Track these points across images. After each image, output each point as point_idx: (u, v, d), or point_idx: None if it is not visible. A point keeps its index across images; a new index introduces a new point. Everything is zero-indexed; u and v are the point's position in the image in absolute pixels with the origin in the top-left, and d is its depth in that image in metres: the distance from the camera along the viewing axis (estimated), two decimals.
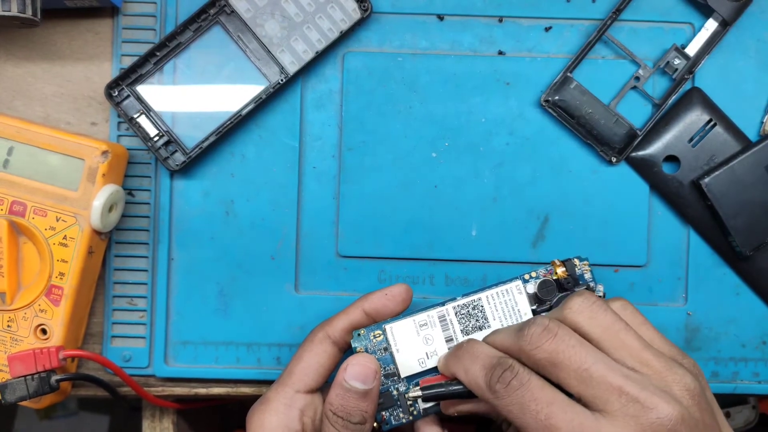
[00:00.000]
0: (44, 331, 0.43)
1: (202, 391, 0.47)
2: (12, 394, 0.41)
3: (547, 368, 0.34)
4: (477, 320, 0.40)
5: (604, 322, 0.34)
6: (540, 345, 0.34)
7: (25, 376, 0.41)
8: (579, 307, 0.35)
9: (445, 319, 0.40)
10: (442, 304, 0.40)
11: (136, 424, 0.51)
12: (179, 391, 0.47)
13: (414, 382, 0.40)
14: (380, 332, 0.40)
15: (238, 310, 0.46)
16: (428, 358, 0.40)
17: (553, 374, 0.33)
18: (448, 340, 0.40)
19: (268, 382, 0.46)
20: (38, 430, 1.05)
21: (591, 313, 0.35)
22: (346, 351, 0.41)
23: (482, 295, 0.40)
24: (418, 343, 0.40)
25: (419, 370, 0.40)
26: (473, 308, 0.40)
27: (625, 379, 0.32)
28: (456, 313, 0.40)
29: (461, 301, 0.40)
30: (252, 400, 0.41)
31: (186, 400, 0.49)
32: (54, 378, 0.41)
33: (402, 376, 0.40)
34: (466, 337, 0.39)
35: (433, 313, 0.40)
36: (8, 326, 0.43)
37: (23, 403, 0.42)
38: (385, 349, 0.40)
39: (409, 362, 0.40)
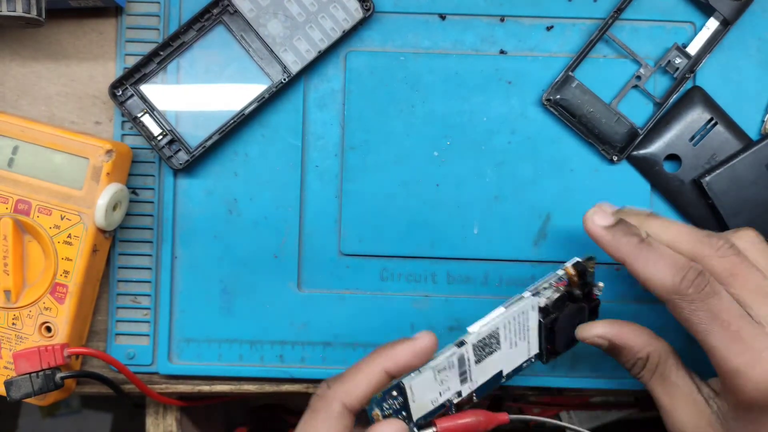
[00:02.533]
0: (49, 329, 0.43)
1: (205, 388, 0.47)
2: (17, 391, 0.41)
3: (725, 279, 0.35)
4: (491, 347, 0.38)
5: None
6: (726, 255, 0.35)
7: (30, 373, 0.41)
8: (752, 240, 0.37)
9: (464, 359, 0.37)
10: (461, 344, 0.37)
11: (140, 422, 0.51)
12: (183, 388, 0.47)
13: (427, 420, 0.38)
14: (397, 392, 0.36)
15: (241, 308, 0.46)
16: (441, 395, 0.37)
17: (728, 285, 0.35)
18: (462, 373, 0.38)
19: (271, 380, 0.47)
20: (42, 428, 1.05)
21: (761, 247, 0.37)
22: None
23: (500, 323, 0.38)
24: (434, 388, 0.37)
25: (431, 408, 0.37)
26: (490, 338, 0.38)
27: None
28: (474, 349, 0.37)
29: (480, 336, 0.37)
30: (255, 397, 0.41)
31: (189, 397, 0.49)
32: (59, 375, 0.42)
33: (415, 418, 0.37)
34: (641, 232, 0.38)
35: (453, 358, 0.37)
36: (13, 324, 0.44)
37: (28, 400, 0.42)
38: (402, 403, 0.36)
39: (422, 405, 0.37)
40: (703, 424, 0.37)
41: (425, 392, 0.37)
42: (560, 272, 0.39)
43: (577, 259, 0.40)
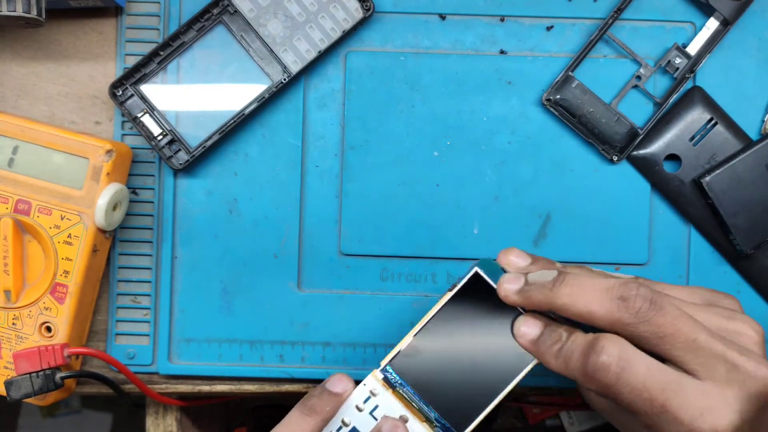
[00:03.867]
0: (49, 329, 0.43)
1: (205, 388, 0.47)
2: (17, 391, 0.41)
3: (651, 341, 0.33)
4: None
5: (700, 298, 0.36)
6: (649, 319, 0.32)
7: (30, 373, 0.41)
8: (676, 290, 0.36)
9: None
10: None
11: (140, 422, 0.51)
12: (183, 388, 0.47)
13: None
14: None
15: (241, 308, 0.46)
16: None
17: (655, 346, 0.33)
18: None
19: (271, 380, 0.47)
20: (42, 428, 1.05)
21: (690, 290, 0.36)
22: None
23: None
24: None
25: None
26: None
27: (727, 348, 0.33)
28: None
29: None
30: (255, 397, 0.42)
31: (189, 397, 0.49)
32: (59, 375, 0.42)
33: None
34: (562, 335, 0.37)
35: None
36: (13, 324, 0.44)
37: (28, 400, 0.42)
38: None
39: None
40: (610, 408, 0.38)
41: None
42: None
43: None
